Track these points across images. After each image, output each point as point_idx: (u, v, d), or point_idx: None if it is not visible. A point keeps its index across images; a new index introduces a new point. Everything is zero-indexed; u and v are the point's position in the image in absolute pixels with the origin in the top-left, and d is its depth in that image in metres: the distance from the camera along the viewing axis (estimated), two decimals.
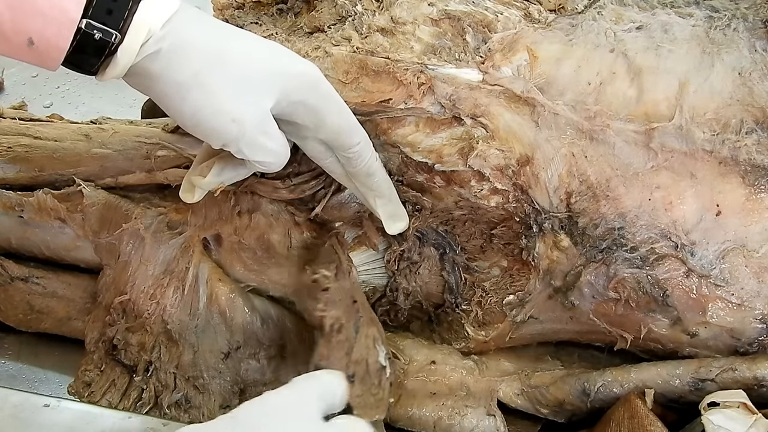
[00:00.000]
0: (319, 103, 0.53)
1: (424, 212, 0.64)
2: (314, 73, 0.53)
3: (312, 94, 0.53)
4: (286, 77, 0.51)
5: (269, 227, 0.65)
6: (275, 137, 0.53)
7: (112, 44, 0.46)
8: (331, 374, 0.51)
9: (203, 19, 0.51)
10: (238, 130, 0.50)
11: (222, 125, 0.50)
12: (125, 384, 0.65)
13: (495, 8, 0.60)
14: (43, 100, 0.92)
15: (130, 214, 0.66)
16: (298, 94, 0.52)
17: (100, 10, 0.46)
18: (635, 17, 0.59)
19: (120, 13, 0.46)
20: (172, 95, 0.49)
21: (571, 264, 0.59)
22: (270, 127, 0.52)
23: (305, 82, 0.52)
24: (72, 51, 0.46)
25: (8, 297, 0.68)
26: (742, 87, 0.57)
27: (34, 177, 0.68)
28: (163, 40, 0.48)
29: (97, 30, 0.46)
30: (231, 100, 0.50)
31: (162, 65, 0.48)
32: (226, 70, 0.49)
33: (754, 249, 0.57)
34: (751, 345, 0.58)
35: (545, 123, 0.58)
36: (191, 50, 0.48)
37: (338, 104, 0.54)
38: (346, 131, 0.55)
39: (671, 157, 0.57)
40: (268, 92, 0.51)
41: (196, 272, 0.65)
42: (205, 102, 0.49)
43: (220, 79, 0.49)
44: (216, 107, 0.50)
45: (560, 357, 0.67)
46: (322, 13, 0.62)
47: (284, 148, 0.54)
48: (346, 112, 0.55)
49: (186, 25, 0.49)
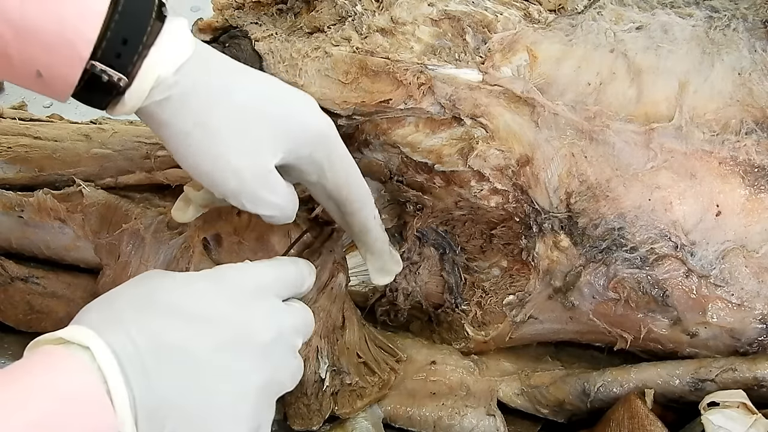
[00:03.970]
0: (325, 159, 0.52)
1: (425, 212, 0.64)
2: (324, 129, 0.52)
3: (319, 150, 0.52)
4: (295, 134, 0.50)
5: (269, 227, 0.65)
6: (279, 192, 0.51)
7: (120, 87, 0.45)
8: (307, 265, 0.54)
9: (217, 63, 0.49)
10: (238, 184, 0.49)
11: (222, 178, 0.49)
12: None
13: (495, 8, 0.60)
14: (43, 100, 0.91)
15: (130, 214, 0.66)
16: (305, 149, 0.51)
17: (110, 52, 0.44)
18: (635, 17, 0.59)
19: (129, 58, 0.44)
20: (178, 143, 0.48)
21: (571, 264, 0.59)
22: (273, 182, 0.50)
23: (313, 139, 0.51)
24: (81, 87, 0.45)
25: (8, 297, 0.68)
26: (742, 87, 0.57)
27: (34, 177, 0.69)
28: (173, 87, 0.46)
29: (105, 73, 0.44)
30: (233, 153, 0.48)
31: (170, 113, 0.47)
32: (231, 122, 0.48)
33: (754, 249, 0.57)
34: (751, 345, 0.58)
35: (545, 123, 0.58)
36: (199, 100, 0.47)
37: (344, 162, 0.53)
38: (347, 189, 0.54)
39: (671, 157, 0.57)
40: (272, 148, 0.50)
41: None
42: (207, 153, 0.48)
43: (225, 132, 0.48)
44: (217, 160, 0.48)
45: (560, 357, 0.67)
46: (321, 13, 0.62)
47: (290, 203, 0.53)
48: (353, 171, 0.54)
49: (198, 73, 0.47)
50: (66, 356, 0.39)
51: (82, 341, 0.39)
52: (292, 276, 0.52)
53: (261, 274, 0.49)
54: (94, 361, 0.38)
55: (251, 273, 0.49)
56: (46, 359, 0.39)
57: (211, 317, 0.44)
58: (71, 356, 0.39)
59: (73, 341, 0.39)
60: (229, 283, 0.47)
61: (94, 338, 0.39)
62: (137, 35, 0.44)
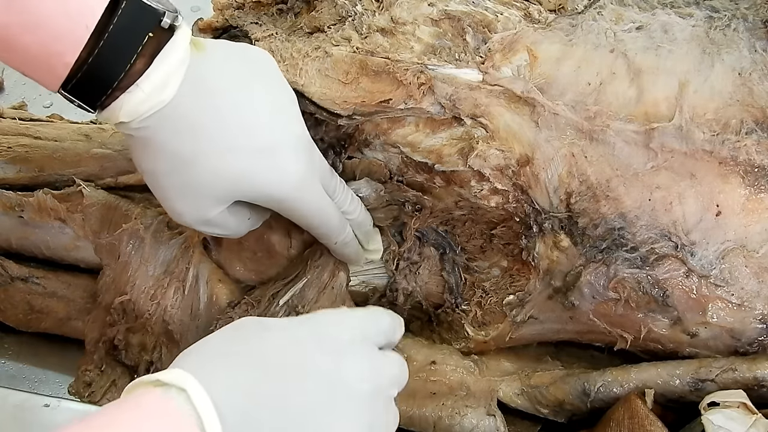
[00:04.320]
0: (280, 210, 0.55)
1: (423, 213, 0.64)
2: (281, 194, 0.53)
3: (273, 205, 0.54)
4: (245, 193, 0.52)
5: (269, 227, 0.65)
6: (222, 227, 0.54)
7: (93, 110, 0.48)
8: (398, 316, 0.54)
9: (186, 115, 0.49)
10: (181, 221, 0.53)
11: (169, 212, 0.53)
12: (126, 384, 0.65)
13: (495, 8, 0.60)
14: (43, 100, 0.92)
15: (130, 214, 0.66)
16: (258, 201, 0.53)
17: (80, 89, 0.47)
18: (635, 17, 0.59)
19: (95, 99, 0.47)
20: (139, 169, 0.53)
21: (571, 264, 0.59)
22: (215, 224, 0.54)
23: (266, 200, 0.53)
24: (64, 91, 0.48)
25: (8, 297, 0.68)
26: (742, 87, 0.57)
27: (34, 177, 0.69)
28: (134, 133, 0.49)
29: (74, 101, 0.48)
30: (174, 201, 0.52)
31: (132, 146, 0.51)
32: (179, 176, 0.50)
33: (754, 249, 0.57)
34: (751, 345, 0.58)
35: (545, 123, 0.58)
36: (155, 145, 0.49)
37: (302, 213, 0.55)
38: (306, 226, 0.57)
39: (671, 157, 0.57)
40: (215, 202, 0.52)
41: (197, 272, 0.65)
42: (156, 192, 0.53)
43: (173, 182, 0.51)
44: (162, 200, 0.53)
45: (560, 357, 0.67)
46: (322, 13, 0.62)
47: (237, 229, 0.56)
48: (312, 218, 0.56)
49: (159, 129, 0.48)
50: (163, 399, 0.39)
51: (181, 384, 0.39)
52: (386, 325, 0.51)
53: (360, 323, 0.49)
54: (192, 406, 0.38)
55: (350, 322, 0.49)
56: (143, 401, 0.39)
57: (309, 370, 0.44)
58: (168, 400, 0.38)
59: (171, 384, 0.39)
60: (327, 333, 0.47)
61: (192, 383, 0.39)
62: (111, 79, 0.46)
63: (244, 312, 0.63)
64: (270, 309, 0.62)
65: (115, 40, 0.45)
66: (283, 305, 0.62)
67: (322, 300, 0.62)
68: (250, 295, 0.64)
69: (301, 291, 0.62)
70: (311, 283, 0.63)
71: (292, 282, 0.63)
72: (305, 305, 0.62)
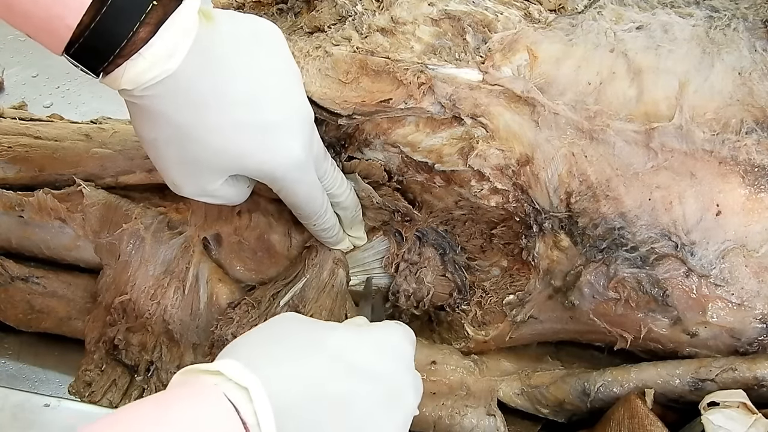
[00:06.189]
0: (274, 187, 0.55)
1: (412, 224, 0.64)
2: (278, 174, 0.53)
3: (268, 182, 0.54)
4: (243, 170, 0.52)
5: (269, 227, 0.65)
6: (222, 198, 0.55)
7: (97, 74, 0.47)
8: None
9: (191, 87, 0.48)
10: (181, 192, 0.54)
11: (168, 182, 0.54)
12: (126, 384, 0.65)
13: (495, 8, 0.60)
14: (43, 100, 0.92)
15: (130, 214, 0.66)
16: (255, 177, 0.54)
17: (83, 54, 0.46)
18: (635, 17, 0.59)
19: (98, 65, 0.46)
20: (139, 137, 0.52)
21: (571, 264, 0.59)
22: (212, 193, 0.54)
23: (263, 177, 0.54)
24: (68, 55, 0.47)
25: (8, 297, 0.68)
26: (742, 87, 0.57)
27: (34, 177, 0.69)
28: (137, 101, 0.48)
29: (78, 66, 0.47)
30: (174, 171, 0.52)
31: (133, 113, 0.50)
32: (180, 149, 0.50)
33: (754, 249, 0.57)
34: (751, 345, 0.58)
35: (545, 123, 0.58)
36: (157, 118, 0.49)
37: (294, 191, 0.55)
38: (295, 205, 0.58)
39: (671, 157, 0.57)
40: (214, 175, 0.52)
41: (197, 272, 0.65)
42: (156, 161, 0.52)
43: (174, 153, 0.51)
44: (162, 170, 0.53)
45: (560, 357, 0.67)
46: (322, 13, 0.62)
47: (237, 198, 0.56)
48: (302, 199, 0.56)
49: (163, 99, 0.48)
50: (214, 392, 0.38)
51: (239, 379, 0.39)
52: (414, 342, 0.54)
53: (405, 340, 0.51)
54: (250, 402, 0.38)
55: (400, 337, 0.51)
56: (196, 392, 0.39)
57: (377, 373, 0.45)
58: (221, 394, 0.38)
59: (228, 376, 0.39)
60: (390, 342, 0.49)
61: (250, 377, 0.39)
62: (115, 43, 0.45)
63: (245, 312, 0.63)
64: (271, 309, 0.62)
65: (119, 4, 0.44)
66: (284, 305, 0.62)
67: (322, 299, 0.62)
68: (250, 295, 0.64)
69: (302, 291, 0.62)
70: (311, 283, 0.63)
71: (292, 282, 0.63)
72: (306, 305, 0.62)
